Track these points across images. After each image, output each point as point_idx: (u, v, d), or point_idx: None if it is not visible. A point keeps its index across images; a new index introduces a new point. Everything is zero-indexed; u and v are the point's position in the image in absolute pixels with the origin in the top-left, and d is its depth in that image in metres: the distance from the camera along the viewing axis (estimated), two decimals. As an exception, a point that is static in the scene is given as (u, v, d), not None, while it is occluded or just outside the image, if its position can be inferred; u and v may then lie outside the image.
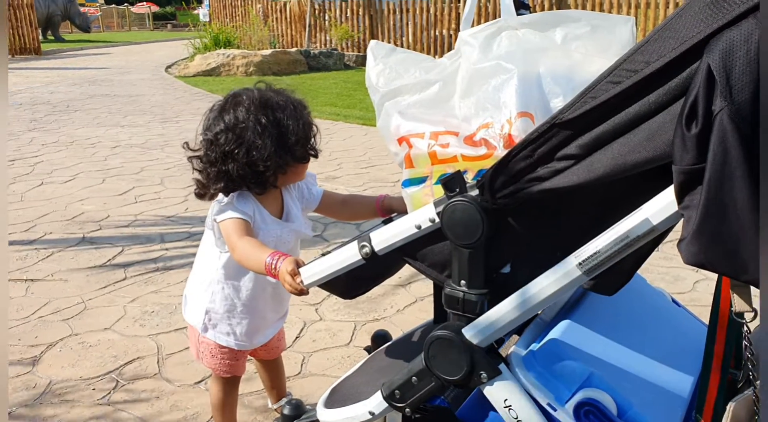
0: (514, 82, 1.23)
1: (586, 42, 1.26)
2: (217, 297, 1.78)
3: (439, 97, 1.34)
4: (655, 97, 0.91)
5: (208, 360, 1.88)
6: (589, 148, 0.98)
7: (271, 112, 1.55)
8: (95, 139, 7.12)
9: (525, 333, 1.30)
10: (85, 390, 2.43)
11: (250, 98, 1.58)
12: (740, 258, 0.86)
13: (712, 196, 0.85)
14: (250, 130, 1.54)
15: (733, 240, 0.85)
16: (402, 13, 14.93)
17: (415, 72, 1.39)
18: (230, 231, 1.58)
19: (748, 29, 0.81)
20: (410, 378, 1.27)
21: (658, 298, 1.52)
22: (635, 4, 12.17)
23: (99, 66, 15.56)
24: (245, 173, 1.56)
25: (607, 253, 1.00)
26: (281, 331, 2.05)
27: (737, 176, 0.82)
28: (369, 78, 1.42)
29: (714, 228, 0.86)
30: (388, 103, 1.37)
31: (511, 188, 1.07)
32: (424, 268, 1.27)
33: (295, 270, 1.35)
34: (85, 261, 3.71)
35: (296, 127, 1.56)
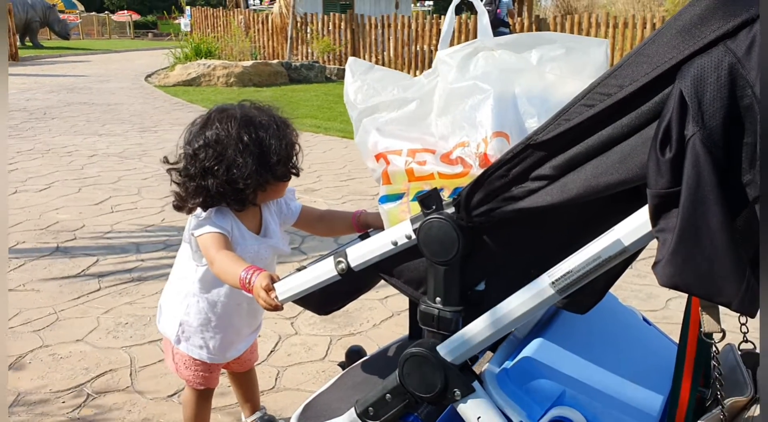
0: (490, 102, 1.25)
1: (560, 64, 1.28)
2: (191, 310, 1.77)
3: (416, 115, 1.36)
4: (627, 121, 0.93)
5: (182, 371, 1.87)
6: (563, 169, 0.99)
7: (254, 130, 1.55)
8: (72, 148, 7.05)
9: (498, 351, 1.31)
10: (54, 403, 2.39)
11: (234, 115, 1.57)
12: (714, 281, 0.87)
13: (686, 220, 0.87)
14: (231, 148, 1.53)
15: (707, 263, 0.87)
16: (383, 28, 15.02)
17: (393, 89, 1.41)
18: (208, 245, 1.57)
19: (718, 56, 0.83)
20: (384, 395, 1.27)
21: (629, 317, 1.54)
22: (613, 24, 12.38)
23: (78, 73, 15.43)
24: (225, 190, 1.56)
25: (579, 273, 1.01)
26: (254, 343, 2.04)
27: (710, 200, 0.84)
28: (347, 94, 1.43)
29: (688, 252, 0.88)
30: (366, 119, 1.39)
31: (486, 207, 1.09)
32: (399, 285, 1.27)
33: (269, 285, 1.35)
34: (59, 271, 3.66)
35: (278, 146, 1.56)
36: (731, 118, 0.83)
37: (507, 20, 12.85)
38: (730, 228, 0.85)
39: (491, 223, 1.11)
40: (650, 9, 18.30)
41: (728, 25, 0.83)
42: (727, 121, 0.83)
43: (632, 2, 20.23)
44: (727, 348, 1.26)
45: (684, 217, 0.86)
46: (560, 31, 12.89)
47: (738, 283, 0.86)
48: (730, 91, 0.82)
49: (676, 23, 0.89)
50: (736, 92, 0.82)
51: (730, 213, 0.85)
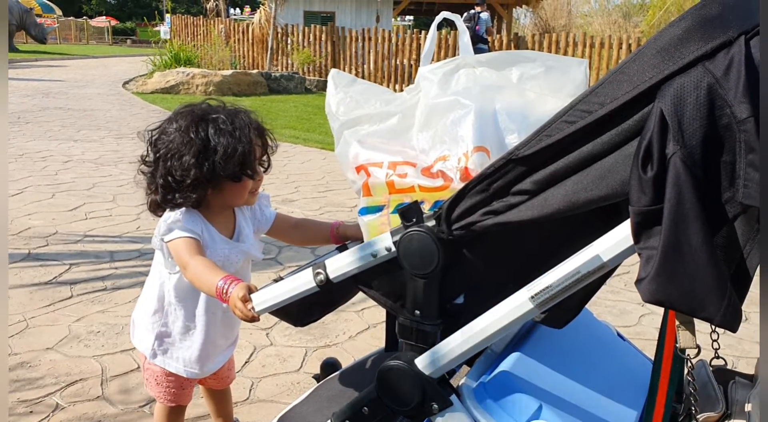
0: (471, 118, 1.26)
1: (540, 82, 1.31)
2: (168, 320, 1.74)
3: (398, 129, 1.37)
4: (608, 138, 0.95)
5: (153, 387, 1.83)
6: (543, 185, 1.00)
7: (204, 126, 1.55)
8: (46, 153, 6.96)
9: (476, 365, 1.31)
10: (22, 413, 2.34)
11: (192, 111, 1.59)
12: (697, 297, 0.89)
13: (668, 237, 0.88)
14: (177, 141, 1.55)
15: (690, 280, 0.88)
16: (364, 41, 15.10)
17: (375, 103, 1.42)
18: (180, 250, 1.55)
19: (697, 76, 0.85)
20: (361, 408, 1.27)
21: (604, 332, 1.56)
22: (590, 44, 12.59)
23: (54, 78, 15.26)
24: (166, 183, 1.56)
25: (558, 288, 1.02)
26: (231, 360, 2.00)
27: (691, 218, 0.86)
28: (329, 105, 1.43)
29: (672, 269, 0.90)
30: (347, 131, 1.39)
31: (466, 220, 1.09)
32: (378, 297, 1.27)
33: (246, 296, 1.33)
34: (30, 277, 3.60)
35: (226, 144, 1.53)
36: (710, 136, 0.85)
37: (486, 37, 13.00)
38: (711, 245, 0.87)
39: (471, 237, 1.11)
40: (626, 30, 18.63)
41: (707, 46, 0.85)
42: (706, 140, 0.85)
43: (608, 23, 20.58)
44: (699, 363, 1.28)
45: (666, 235, 0.88)
46: (538, 48, 13.07)
47: (720, 299, 0.87)
48: (708, 110, 0.85)
49: (656, 43, 0.91)
50: (714, 111, 0.85)
51: (710, 231, 0.86)
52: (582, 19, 23.12)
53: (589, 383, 1.30)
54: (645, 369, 1.47)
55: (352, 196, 5.66)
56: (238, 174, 1.59)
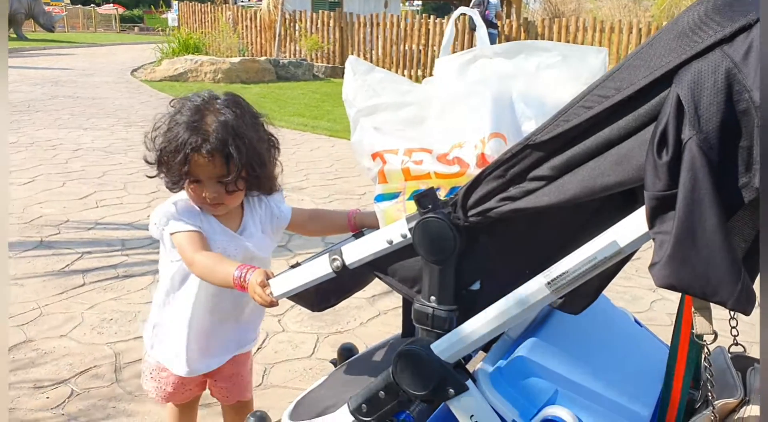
0: (487, 104, 1.26)
1: (558, 70, 1.30)
2: (167, 309, 1.70)
3: (414, 118, 1.36)
4: (624, 123, 0.94)
5: (147, 381, 1.79)
6: (560, 170, 1.00)
7: (171, 117, 1.55)
8: (56, 141, 6.99)
9: (492, 350, 1.31)
10: (39, 399, 2.37)
11: (189, 99, 1.58)
12: (710, 281, 0.89)
13: (682, 222, 0.88)
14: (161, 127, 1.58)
15: (704, 264, 0.88)
16: (372, 27, 15.01)
17: (392, 92, 1.41)
18: (184, 245, 1.54)
19: (715, 61, 0.84)
20: (377, 392, 1.27)
21: (621, 318, 1.55)
22: (600, 29, 12.48)
23: (62, 66, 15.27)
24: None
25: (575, 273, 1.02)
26: (243, 376, 1.88)
27: (706, 202, 0.85)
28: (346, 92, 1.43)
29: (685, 253, 0.89)
30: (364, 118, 1.38)
31: (483, 206, 1.09)
32: (394, 283, 1.27)
33: (264, 281, 1.34)
34: (42, 265, 3.62)
35: (166, 141, 1.53)
36: (727, 122, 0.84)
37: (495, 22, 12.90)
38: (725, 229, 0.86)
39: (487, 223, 1.11)
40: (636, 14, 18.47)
41: (725, 30, 0.84)
42: (723, 125, 0.84)
43: (618, 7, 20.40)
44: (718, 350, 1.28)
45: (680, 219, 0.87)
46: (548, 33, 12.97)
47: (733, 283, 0.87)
48: (726, 95, 0.83)
49: (674, 27, 0.90)
50: (732, 96, 0.83)
51: (724, 215, 0.86)
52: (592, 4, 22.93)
53: (606, 369, 1.29)
54: (662, 355, 1.47)
55: (361, 184, 5.66)
56: (172, 178, 1.56)
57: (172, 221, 1.56)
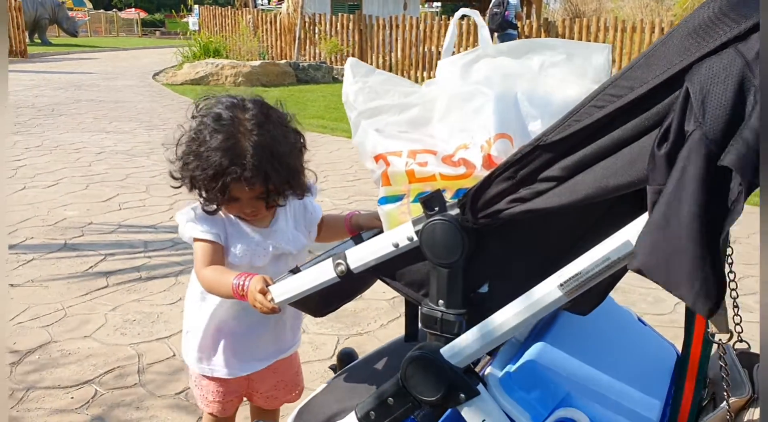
0: (491, 105, 1.24)
1: (562, 68, 1.28)
2: (198, 315, 1.68)
3: (417, 120, 1.34)
4: (637, 122, 0.93)
5: (194, 389, 1.78)
6: (572, 171, 0.99)
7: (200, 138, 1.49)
8: (80, 144, 7.08)
9: (499, 354, 1.29)
10: (63, 399, 2.41)
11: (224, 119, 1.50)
12: (673, 272, 0.88)
13: (661, 208, 0.87)
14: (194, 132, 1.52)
15: (670, 254, 0.87)
16: (391, 29, 15.03)
17: (393, 94, 1.39)
18: (198, 256, 1.53)
19: (728, 59, 0.83)
20: (386, 398, 1.25)
21: (626, 317, 1.54)
22: (621, 28, 12.37)
23: (85, 71, 15.48)
24: None
25: (588, 275, 1.01)
26: (284, 382, 1.85)
27: (687, 192, 0.84)
28: (346, 94, 1.40)
29: (655, 239, 0.89)
30: (366, 121, 1.36)
31: (493, 208, 1.08)
32: (400, 287, 1.26)
33: (264, 288, 1.33)
34: (67, 267, 3.67)
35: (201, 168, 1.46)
36: (733, 119, 0.83)
37: (515, 22, 12.84)
38: (701, 223, 0.84)
39: (496, 225, 1.10)
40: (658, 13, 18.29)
41: (739, 27, 0.83)
42: (728, 122, 0.83)
43: (640, 6, 20.22)
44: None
45: (660, 206, 0.87)
46: (569, 33, 12.89)
47: (694, 280, 0.85)
48: (735, 93, 0.82)
49: (687, 25, 0.89)
50: (741, 94, 0.82)
51: (706, 210, 0.84)
52: (613, 3, 22.74)
53: (614, 369, 1.28)
54: (668, 353, 1.46)
55: (381, 185, 5.66)
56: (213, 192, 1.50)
57: (195, 225, 1.55)
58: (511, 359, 1.27)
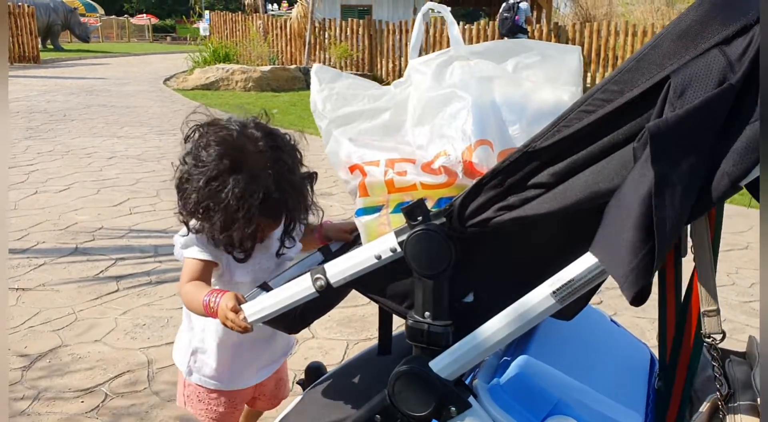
0: (470, 110, 1.21)
1: (536, 71, 1.26)
2: (206, 335, 1.66)
3: (390, 125, 1.31)
4: (628, 127, 0.92)
5: (195, 404, 1.73)
6: (562, 176, 0.97)
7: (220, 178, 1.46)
8: (91, 149, 7.12)
9: (485, 363, 1.26)
10: (73, 403, 2.41)
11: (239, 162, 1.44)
12: (611, 254, 0.88)
13: (619, 192, 0.88)
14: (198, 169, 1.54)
15: (613, 236, 0.88)
16: (401, 34, 15.04)
17: (363, 99, 1.36)
18: (183, 272, 1.50)
19: (712, 58, 0.84)
20: (372, 416, 1.22)
21: (600, 319, 1.54)
22: (632, 32, 12.33)
23: (97, 76, 15.59)
24: None
25: (581, 281, 0.99)
26: (281, 379, 1.87)
27: (639, 175, 0.85)
28: (314, 103, 1.36)
29: (605, 221, 0.91)
30: (337, 130, 1.33)
31: (481, 217, 1.06)
32: (382, 300, 1.23)
33: (236, 306, 1.29)
34: (78, 272, 3.69)
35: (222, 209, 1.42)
36: (708, 109, 0.83)
37: (525, 27, 12.83)
38: (646, 207, 0.84)
39: (484, 233, 1.08)
40: (669, 18, 18.22)
41: (726, 31, 0.84)
42: (702, 111, 0.83)
43: (651, 11, 20.14)
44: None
45: (620, 188, 0.88)
46: (578, 38, 12.86)
47: (626, 264, 0.86)
48: (715, 87, 0.83)
49: (675, 29, 0.89)
50: (720, 91, 0.83)
51: (657, 194, 0.83)
52: (623, 7, 22.65)
53: (597, 373, 1.27)
54: (642, 355, 1.48)
55: (391, 190, 5.66)
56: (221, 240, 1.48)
57: (191, 247, 1.52)
58: (497, 368, 1.25)
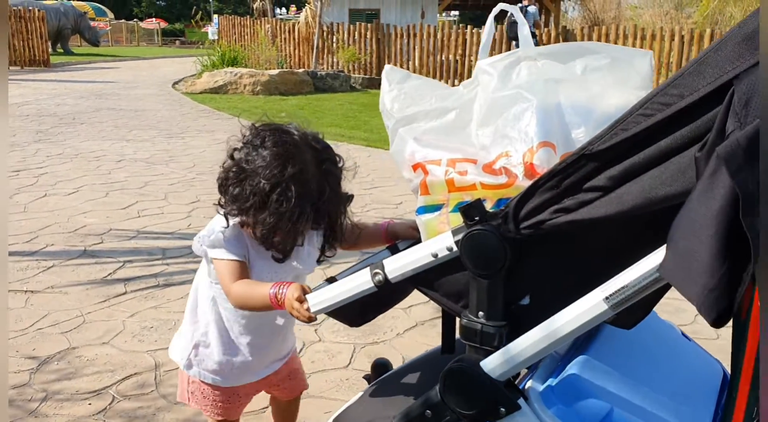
0: (534, 112, 1.21)
1: (605, 74, 1.24)
2: (210, 329, 1.68)
3: (455, 125, 1.32)
4: (687, 131, 0.89)
5: (199, 400, 1.75)
6: (619, 180, 0.96)
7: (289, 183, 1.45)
8: (100, 152, 7.15)
9: (540, 367, 1.26)
10: (81, 405, 2.41)
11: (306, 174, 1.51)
12: (685, 274, 0.85)
13: (686, 206, 0.85)
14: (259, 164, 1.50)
15: (686, 254, 0.84)
16: (409, 38, 15.06)
17: (430, 99, 1.37)
18: (224, 274, 1.52)
19: None
20: (423, 411, 1.23)
21: (669, 332, 1.49)
22: (641, 36, 12.30)
23: (106, 80, 15.66)
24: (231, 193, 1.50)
25: (635, 287, 0.97)
26: (296, 369, 1.90)
27: (717, 192, 0.81)
28: (383, 103, 1.39)
29: (675, 238, 0.86)
30: (403, 128, 1.34)
31: (536, 218, 1.05)
32: (438, 298, 1.23)
33: (301, 297, 1.32)
34: (86, 274, 3.70)
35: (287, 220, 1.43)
36: None
37: (533, 31, 12.82)
38: (722, 226, 0.80)
39: (539, 236, 1.07)
40: (678, 21, 18.17)
41: None
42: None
43: (660, 14, 20.09)
44: None
45: (690, 202, 0.84)
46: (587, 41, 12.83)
47: (703, 284, 0.82)
48: None
49: (740, 31, 0.85)
50: None
51: (730, 211, 0.80)
52: (632, 11, 22.62)
53: (658, 385, 1.24)
54: (712, 369, 1.41)
55: (397, 193, 5.66)
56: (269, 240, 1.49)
57: (219, 248, 1.53)
58: (553, 372, 1.23)
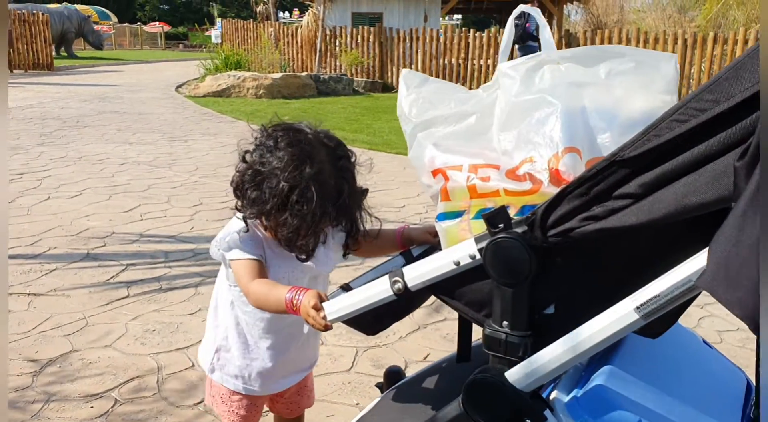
0: (559, 117, 1.18)
1: (629, 77, 1.21)
2: (229, 333, 1.66)
3: (476, 130, 1.29)
4: (723, 137, 0.87)
5: (219, 405, 1.74)
6: (651, 188, 0.93)
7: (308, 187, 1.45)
8: (103, 156, 7.17)
9: (565, 377, 1.23)
10: (83, 408, 2.41)
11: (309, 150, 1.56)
12: (737, 290, 0.82)
13: (732, 219, 0.82)
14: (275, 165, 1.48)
15: (734, 270, 0.81)
16: (412, 41, 15.08)
17: (449, 103, 1.33)
18: (241, 273, 1.50)
19: None
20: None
21: (690, 340, 1.45)
22: (644, 40, 12.31)
23: (110, 83, 15.70)
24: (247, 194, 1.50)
25: (667, 297, 0.95)
26: (307, 387, 1.87)
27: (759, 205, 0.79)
28: (401, 107, 1.35)
29: (722, 255, 0.83)
30: (421, 134, 1.31)
31: (564, 226, 1.03)
32: (460, 306, 1.21)
33: (318, 304, 1.29)
34: (89, 277, 3.70)
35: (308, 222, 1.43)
36: None
37: (536, 35, 12.81)
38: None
39: (567, 244, 1.04)
40: (681, 25, 18.16)
41: None
42: None
43: (663, 18, 20.08)
44: None
45: (729, 219, 0.82)
46: (590, 45, 12.83)
47: (756, 302, 0.80)
48: None
49: None
50: None
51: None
52: (635, 15, 22.62)
53: (683, 395, 1.21)
54: (736, 377, 1.38)
55: (400, 196, 5.66)
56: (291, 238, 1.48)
57: (236, 250, 1.51)
58: (577, 383, 1.20)
